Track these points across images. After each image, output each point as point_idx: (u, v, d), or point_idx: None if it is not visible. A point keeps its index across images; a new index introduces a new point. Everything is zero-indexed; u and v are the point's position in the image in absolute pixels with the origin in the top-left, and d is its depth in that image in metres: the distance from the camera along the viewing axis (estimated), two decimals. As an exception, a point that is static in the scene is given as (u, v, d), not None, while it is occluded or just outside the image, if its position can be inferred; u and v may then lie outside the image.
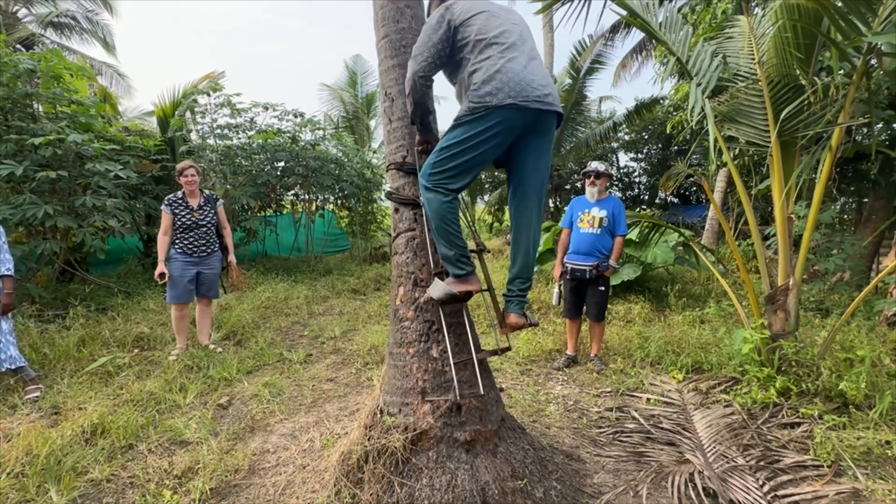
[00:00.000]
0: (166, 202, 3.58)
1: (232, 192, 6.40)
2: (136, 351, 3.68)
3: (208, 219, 3.66)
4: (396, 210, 2.04)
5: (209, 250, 3.68)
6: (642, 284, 5.60)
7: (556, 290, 3.59)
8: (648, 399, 2.90)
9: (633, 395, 2.99)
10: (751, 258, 7.19)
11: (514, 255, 1.91)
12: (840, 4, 2.28)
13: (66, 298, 4.63)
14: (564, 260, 3.50)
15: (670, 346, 3.65)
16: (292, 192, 8.01)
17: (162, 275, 3.45)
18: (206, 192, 3.78)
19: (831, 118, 2.50)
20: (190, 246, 3.59)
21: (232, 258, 3.92)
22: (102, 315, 4.32)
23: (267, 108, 6.90)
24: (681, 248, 5.88)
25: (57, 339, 3.55)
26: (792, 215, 2.82)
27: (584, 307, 3.50)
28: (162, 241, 3.54)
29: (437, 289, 1.76)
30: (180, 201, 3.60)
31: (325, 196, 8.29)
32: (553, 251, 5.85)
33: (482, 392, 1.81)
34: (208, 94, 6.55)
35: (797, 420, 2.52)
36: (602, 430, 2.55)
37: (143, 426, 2.50)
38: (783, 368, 2.83)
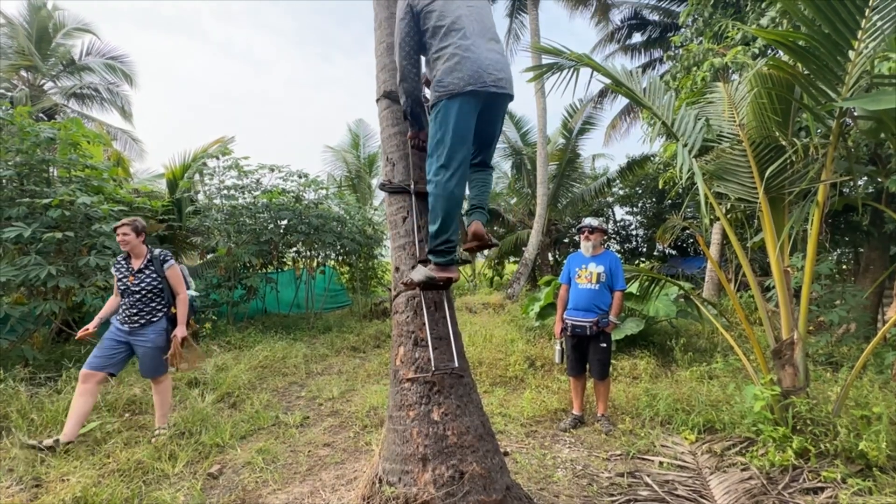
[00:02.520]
0: (113, 261, 3.31)
1: (235, 251, 6.49)
2: (126, 415, 3.56)
3: (144, 284, 3.11)
4: (397, 269, 2.07)
5: (141, 321, 3.11)
6: (646, 339, 5.51)
7: (557, 347, 3.54)
8: (661, 463, 2.76)
9: (644, 459, 2.85)
10: (753, 310, 7.14)
11: (473, 202, 2.17)
12: (808, 73, 2.46)
13: (60, 360, 4.54)
14: (564, 316, 3.48)
15: (679, 403, 3.53)
16: (294, 248, 8.12)
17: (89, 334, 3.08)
18: (157, 251, 3.27)
19: (815, 175, 2.60)
20: (122, 314, 3.14)
21: (179, 331, 3.21)
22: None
23: (273, 170, 7.17)
24: (682, 300, 5.87)
25: (47, 403, 3.43)
26: (789, 268, 2.84)
27: (588, 364, 3.43)
28: (109, 302, 3.24)
29: (419, 273, 1.92)
30: (123, 262, 3.21)
31: (327, 252, 8.38)
32: (553, 305, 5.83)
33: (456, 364, 1.92)
34: (217, 158, 6.84)
35: (820, 485, 2.38)
36: (614, 498, 2.41)
37: (127, 499, 2.36)
38: (798, 427, 2.72)
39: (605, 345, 3.36)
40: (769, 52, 5.10)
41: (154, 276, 3.16)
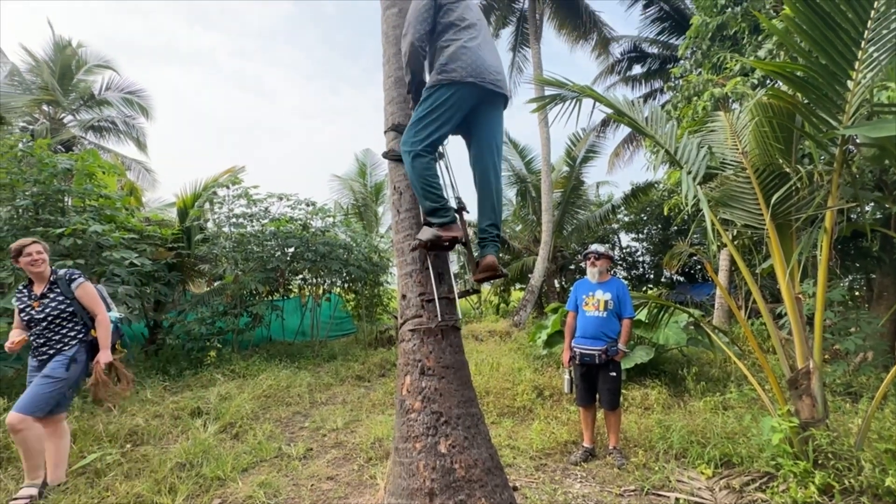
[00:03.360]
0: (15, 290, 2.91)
1: (242, 278, 6.52)
2: (128, 446, 3.50)
3: (49, 310, 2.72)
4: (404, 297, 2.07)
5: (51, 352, 2.72)
6: (657, 367, 5.39)
7: (566, 376, 3.47)
8: (678, 500, 2.65)
9: (659, 495, 2.74)
10: (766, 338, 6.99)
11: (482, 207, 2.18)
12: (808, 102, 2.50)
13: (63, 389, 4.51)
14: (572, 344, 3.43)
15: (694, 436, 3.42)
16: (300, 276, 8.15)
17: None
18: (61, 271, 2.88)
19: (821, 202, 2.60)
20: (32, 346, 2.78)
21: (102, 356, 2.80)
22: (99, 406, 4.18)
23: (281, 199, 7.30)
24: (692, 328, 5.77)
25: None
26: (800, 295, 2.80)
27: (598, 394, 3.35)
28: (10, 335, 2.81)
29: (426, 232, 1.99)
30: (24, 290, 2.83)
31: (333, 280, 8.40)
32: (561, 333, 5.75)
33: (459, 317, 2.04)
34: (228, 187, 6.99)
35: (846, 524, 2.26)
36: (629, 537, 2.30)
37: (125, 536, 2.29)
38: (820, 462, 2.61)
39: (614, 374, 3.29)
40: (768, 81, 5.21)
41: (61, 298, 2.77)
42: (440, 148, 2.17)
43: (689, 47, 6.62)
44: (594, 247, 3.59)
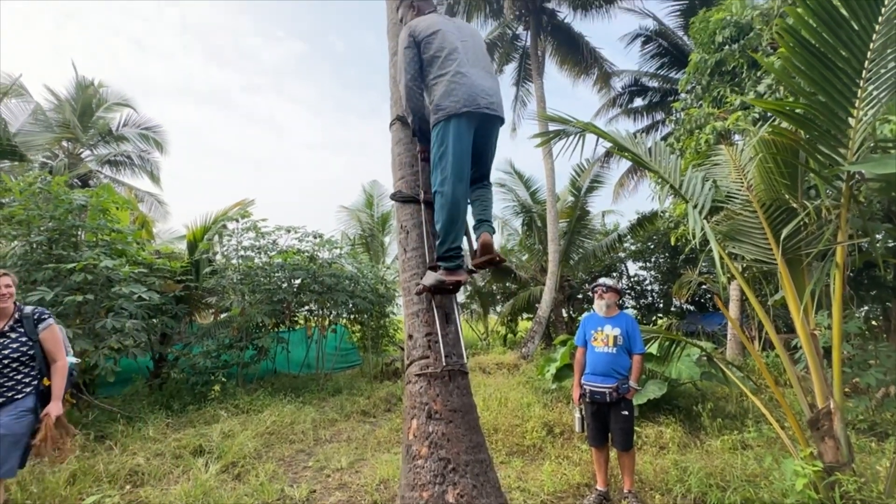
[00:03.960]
0: None
1: (248, 310, 6.52)
2: (128, 487, 3.41)
3: (8, 351, 2.46)
4: (410, 337, 2.05)
5: (2, 397, 2.41)
6: (670, 402, 5.23)
7: (577, 414, 3.37)
8: (698, 550, 2.50)
9: (679, 545, 2.59)
10: (782, 371, 6.79)
11: (475, 204, 2.35)
12: (810, 139, 2.52)
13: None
14: (582, 381, 3.35)
15: (713, 478, 3.27)
16: (306, 307, 8.13)
17: None
18: (28, 308, 2.63)
19: (831, 237, 2.58)
20: None
21: (54, 408, 2.52)
22: (100, 444, 4.12)
23: (289, 231, 7.38)
24: (706, 360, 5.62)
25: (48, 473, 3.33)
26: (815, 332, 2.74)
27: (610, 434, 3.24)
28: None
29: (429, 278, 2.05)
30: None
31: (339, 311, 8.37)
32: (570, 367, 5.63)
33: (465, 360, 2.06)
34: (237, 220, 7.10)
35: (881, 580, 2.12)
36: None
37: (120, 588, 2.20)
38: (848, 509, 2.48)
39: (626, 412, 3.19)
40: (769, 116, 5.28)
41: (24, 339, 2.51)
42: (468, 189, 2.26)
43: (689, 82, 6.77)
44: (602, 280, 3.56)
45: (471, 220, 2.42)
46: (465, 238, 2.29)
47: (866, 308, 7.55)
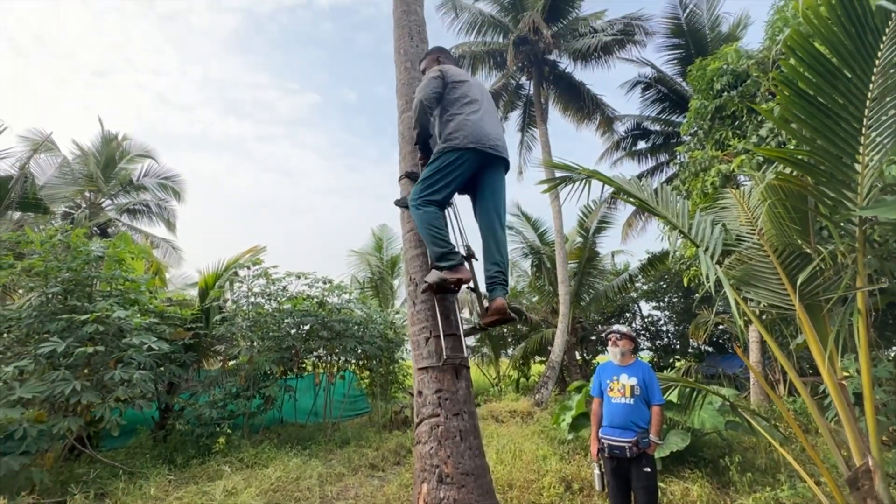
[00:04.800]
0: None
1: (256, 358, 6.46)
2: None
3: None
4: (420, 393, 2.00)
5: None
6: (695, 455, 4.95)
7: (596, 471, 3.19)
8: None
9: None
10: (812, 417, 6.43)
11: (488, 254, 2.37)
12: (818, 184, 2.52)
13: (68, 482, 4.34)
14: (600, 435, 3.20)
15: (747, 543, 3.02)
16: (315, 353, 8.03)
17: None
18: None
19: (849, 282, 2.51)
20: None
21: None
22: (100, 502, 3.97)
23: (299, 277, 7.44)
24: (729, 408, 5.36)
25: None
26: (844, 381, 2.61)
27: (633, 492, 3.05)
28: None
29: (433, 275, 2.13)
30: None
31: (348, 357, 8.25)
32: (586, 415, 5.41)
33: (466, 355, 2.11)
34: (248, 267, 7.19)
35: None
36: None
37: None
38: (901, 582, 2.25)
39: (649, 469, 3.01)
40: (774, 159, 5.32)
41: None
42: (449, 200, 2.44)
43: (691, 126, 6.92)
44: (616, 327, 3.48)
45: (483, 273, 2.43)
46: (469, 255, 2.41)
47: (894, 350, 7.24)
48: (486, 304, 2.30)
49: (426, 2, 3.64)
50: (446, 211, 2.47)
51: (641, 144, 13.43)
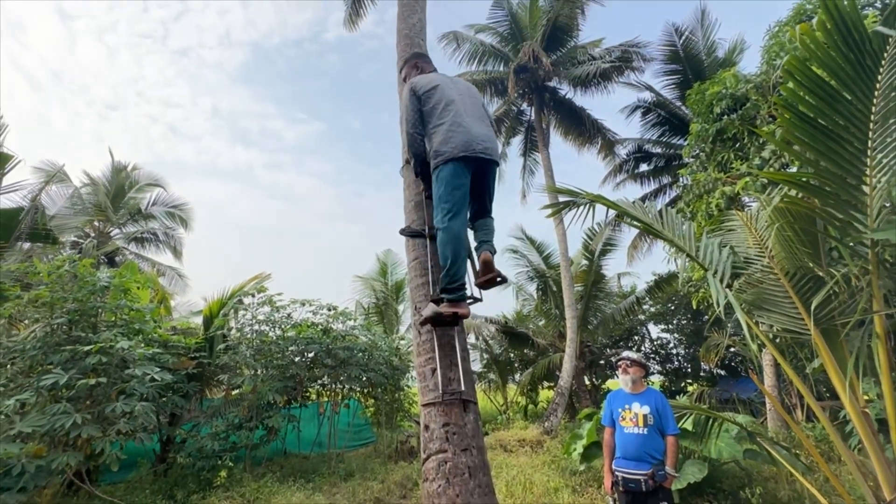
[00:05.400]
0: None
1: (260, 387, 6.36)
2: None
3: None
4: (427, 427, 1.94)
5: None
6: (714, 486, 4.75)
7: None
8: None
9: None
10: (833, 444, 6.18)
11: (478, 232, 2.52)
12: (825, 207, 2.49)
13: (63, 520, 4.21)
14: (613, 467, 3.08)
15: (774, 584, 2.85)
16: (319, 381, 7.91)
17: None
18: None
19: (865, 306, 2.45)
20: None
21: None
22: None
23: (303, 304, 7.40)
24: (745, 434, 5.17)
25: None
26: (867, 410, 2.51)
27: (651, 529, 2.91)
28: None
29: (429, 309, 2.16)
30: None
31: (352, 385, 8.12)
32: (598, 444, 5.23)
33: (463, 388, 2.03)
34: (253, 295, 7.17)
35: None
36: None
37: None
38: None
39: (666, 503, 2.88)
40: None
41: None
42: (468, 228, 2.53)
43: (693, 149, 6.96)
44: (626, 353, 3.40)
45: (474, 244, 2.60)
46: (468, 267, 2.43)
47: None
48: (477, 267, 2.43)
49: (428, 33, 3.74)
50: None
51: (644, 167, 13.52)
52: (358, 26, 8.41)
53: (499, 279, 2.32)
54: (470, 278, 2.42)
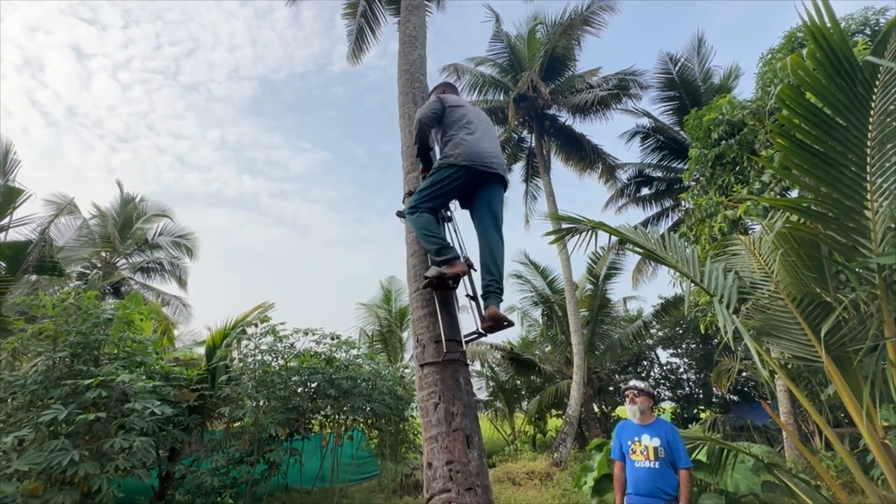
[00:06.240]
0: None
1: (261, 420, 6.24)
2: None
3: None
4: (430, 465, 1.88)
5: None
6: (731, 521, 4.54)
7: (624, 545, 2.92)
8: None
9: None
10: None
11: (484, 265, 2.47)
12: (830, 232, 2.48)
13: (56, 564, 4.06)
14: (626, 503, 2.96)
15: None
16: (322, 412, 7.76)
17: None
18: None
19: (876, 332, 2.40)
20: None
21: None
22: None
23: (307, 333, 7.35)
24: (763, 464, 4.98)
25: None
26: (887, 441, 2.42)
27: (667, 571, 2.77)
28: None
29: (431, 270, 2.27)
30: None
31: (356, 416, 7.95)
32: (609, 477, 5.04)
33: (464, 349, 2.25)
34: (256, 325, 7.14)
35: None
36: None
37: None
38: None
39: (682, 542, 2.75)
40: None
41: None
42: (448, 213, 2.78)
43: (693, 173, 7.01)
44: (634, 382, 3.33)
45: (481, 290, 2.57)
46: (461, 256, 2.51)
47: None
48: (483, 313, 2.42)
49: (429, 65, 3.86)
50: (447, 225, 2.75)
51: (645, 191, 13.60)
52: (361, 60, 8.70)
53: (505, 323, 2.30)
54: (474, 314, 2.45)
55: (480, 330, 2.39)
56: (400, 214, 2.87)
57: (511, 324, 2.35)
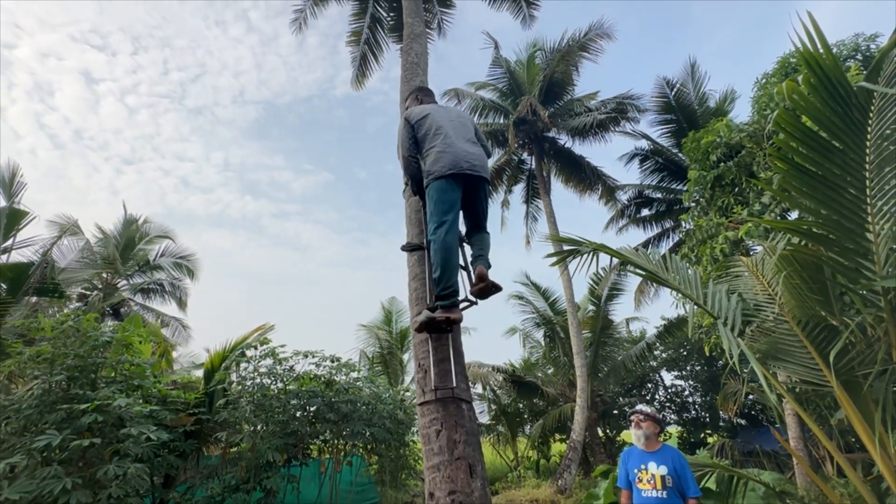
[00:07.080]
0: None
1: (259, 445, 6.11)
2: None
3: None
4: (431, 495, 1.83)
5: None
6: (744, 553, 4.37)
7: (634, 580, 2.81)
8: None
9: None
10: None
11: (474, 245, 2.71)
12: (832, 255, 2.47)
13: None
14: (635, 534, 2.87)
15: None
16: (321, 437, 7.60)
17: None
18: None
19: (885, 356, 2.37)
20: None
21: None
22: None
23: (306, 356, 7.27)
24: (774, 492, 4.83)
25: None
26: (901, 469, 2.35)
27: None
28: None
29: (422, 315, 2.30)
30: None
31: (356, 441, 7.78)
32: (617, 506, 4.89)
33: (454, 385, 2.13)
34: (255, 348, 7.07)
35: None
36: None
37: None
38: None
39: (694, 576, 2.64)
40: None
41: None
42: (459, 234, 2.74)
43: (693, 195, 7.06)
44: (640, 407, 3.27)
45: (470, 258, 2.74)
46: (462, 275, 2.57)
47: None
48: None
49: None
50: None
51: (645, 212, 13.66)
52: (364, 85, 8.90)
53: (493, 288, 2.46)
54: (465, 286, 2.57)
55: (470, 296, 2.54)
56: (405, 249, 2.88)
57: (500, 288, 2.53)
